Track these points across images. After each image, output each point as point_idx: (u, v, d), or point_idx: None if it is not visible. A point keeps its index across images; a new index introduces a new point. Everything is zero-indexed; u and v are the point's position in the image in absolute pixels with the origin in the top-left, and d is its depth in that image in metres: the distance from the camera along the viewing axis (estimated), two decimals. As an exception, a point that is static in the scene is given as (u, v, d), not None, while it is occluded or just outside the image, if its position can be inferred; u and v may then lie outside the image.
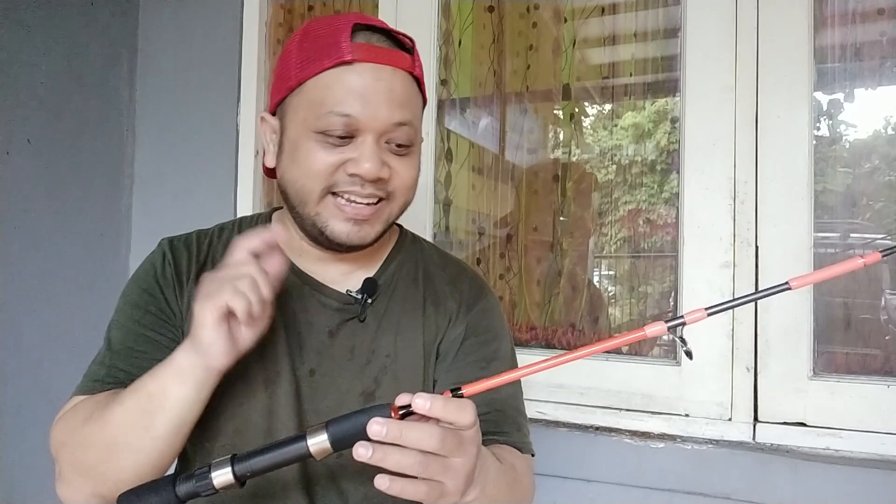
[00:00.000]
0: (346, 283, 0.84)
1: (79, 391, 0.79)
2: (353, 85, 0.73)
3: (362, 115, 0.73)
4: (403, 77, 0.77)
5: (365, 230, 0.77)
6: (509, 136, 1.60)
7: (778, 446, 1.17)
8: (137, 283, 0.85)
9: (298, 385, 0.80)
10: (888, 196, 1.27)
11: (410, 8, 1.52)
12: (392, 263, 0.89)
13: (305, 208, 0.78)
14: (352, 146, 0.75)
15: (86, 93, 1.62)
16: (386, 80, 0.75)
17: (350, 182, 0.75)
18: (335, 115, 0.73)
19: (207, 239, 0.88)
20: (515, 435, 0.84)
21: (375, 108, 0.74)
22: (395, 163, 0.77)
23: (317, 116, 0.74)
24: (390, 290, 0.87)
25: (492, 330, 0.90)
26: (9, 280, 1.45)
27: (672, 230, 1.37)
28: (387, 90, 0.74)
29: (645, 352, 1.40)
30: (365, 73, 0.74)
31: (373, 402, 0.81)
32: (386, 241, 0.91)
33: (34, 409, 1.48)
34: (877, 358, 1.22)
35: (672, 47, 1.38)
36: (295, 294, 0.84)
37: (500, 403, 0.85)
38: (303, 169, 0.76)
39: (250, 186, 1.65)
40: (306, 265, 0.85)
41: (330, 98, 0.74)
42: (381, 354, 0.83)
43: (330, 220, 0.77)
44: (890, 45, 1.24)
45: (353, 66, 0.74)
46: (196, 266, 0.84)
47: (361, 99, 0.73)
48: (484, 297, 0.91)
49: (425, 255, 0.93)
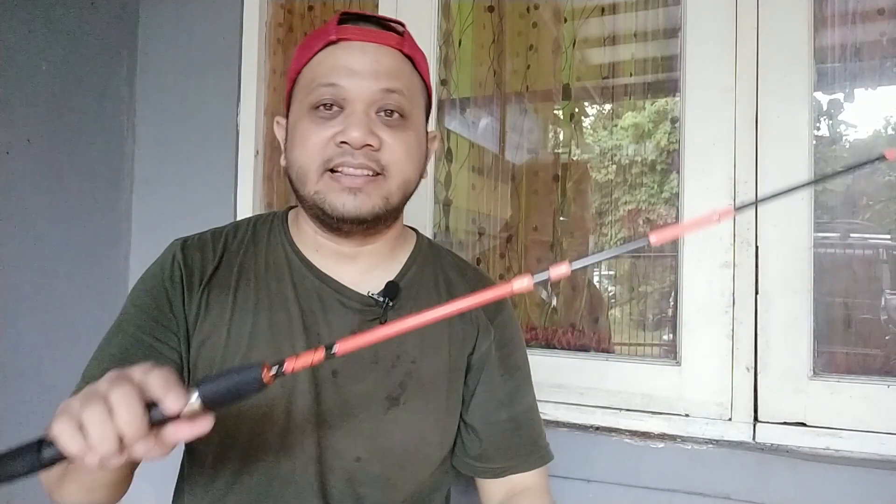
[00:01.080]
0: (366, 285, 0.84)
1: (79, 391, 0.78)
2: (339, 59, 0.78)
3: (349, 84, 0.77)
4: (391, 52, 0.80)
5: (360, 199, 0.77)
6: (509, 136, 1.60)
7: (778, 446, 1.17)
8: (144, 284, 0.84)
9: (318, 386, 0.80)
10: (888, 196, 1.27)
11: (410, 8, 1.52)
12: (412, 268, 0.89)
13: (306, 188, 0.79)
14: (341, 118, 0.77)
15: (86, 93, 1.62)
16: (371, 53, 0.78)
17: (342, 153, 0.76)
18: (323, 87, 0.77)
19: (222, 238, 0.87)
20: (531, 453, 0.88)
21: (361, 78, 0.77)
22: (387, 135, 0.78)
23: (308, 93, 0.78)
24: (412, 295, 0.86)
25: (514, 339, 0.92)
26: (9, 280, 1.44)
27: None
28: (372, 61, 0.78)
29: (644, 352, 1.40)
30: (351, 48, 0.78)
31: (397, 407, 0.81)
32: (402, 244, 0.91)
33: (34, 409, 1.48)
34: (877, 358, 1.22)
35: (672, 47, 1.38)
36: (314, 294, 0.83)
37: (520, 419, 0.88)
38: (301, 147, 0.78)
39: (250, 186, 1.65)
40: (324, 264, 0.85)
41: (319, 73, 0.78)
42: (406, 360, 0.83)
43: (328, 195, 0.78)
44: (890, 45, 1.24)
45: (340, 44, 0.78)
46: (211, 266, 0.83)
47: (347, 70, 0.77)
48: (505, 306, 0.93)
49: (443, 260, 0.93)
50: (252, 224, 0.90)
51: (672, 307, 1.38)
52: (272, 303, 0.82)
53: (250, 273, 0.84)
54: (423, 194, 1.49)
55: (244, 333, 0.80)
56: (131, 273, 1.71)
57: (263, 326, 0.81)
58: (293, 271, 0.84)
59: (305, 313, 0.82)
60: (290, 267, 0.85)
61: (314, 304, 0.83)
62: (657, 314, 1.43)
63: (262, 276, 0.84)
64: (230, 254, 0.85)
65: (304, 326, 0.81)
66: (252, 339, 0.80)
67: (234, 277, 0.83)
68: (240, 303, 0.82)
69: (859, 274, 1.26)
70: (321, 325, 0.82)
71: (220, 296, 0.82)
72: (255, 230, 0.89)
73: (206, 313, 0.81)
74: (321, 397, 0.79)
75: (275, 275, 0.84)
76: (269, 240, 0.87)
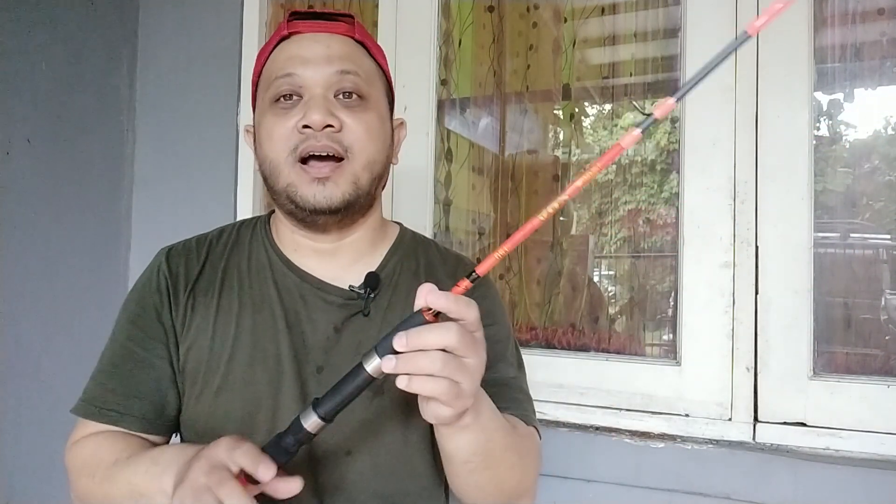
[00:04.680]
0: (347, 279, 0.85)
1: (81, 410, 0.81)
2: (292, 51, 0.81)
3: (304, 72, 0.79)
4: (342, 39, 0.83)
5: (329, 189, 0.78)
6: (509, 136, 1.60)
7: (778, 446, 1.17)
8: (133, 295, 0.86)
9: (304, 383, 0.80)
10: (888, 196, 1.27)
11: (410, 8, 1.52)
12: (392, 258, 0.89)
13: (278, 182, 0.80)
14: (301, 105, 0.79)
15: (86, 93, 1.62)
16: (322, 42, 0.81)
17: (305, 138, 0.78)
18: (279, 79, 0.80)
19: (206, 243, 0.88)
20: (516, 408, 0.84)
21: (315, 65, 0.80)
22: (346, 115, 0.79)
23: (267, 89, 0.81)
24: (392, 284, 0.87)
25: (491, 315, 0.89)
26: (9, 280, 1.44)
27: (672, 230, 1.37)
28: (323, 49, 0.81)
29: (644, 352, 1.40)
30: (302, 41, 0.81)
31: (381, 396, 0.81)
32: (384, 237, 0.91)
33: (34, 409, 1.48)
34: (877, 358, 1.22)
35: (672, 47, 1.38)
36: (296, 293, 0.84)
37: (499, 382, 0.85)
38: (268, 141, 0.80)
39: (250, 187, 1.65)
40: (305, 262, 0.86)
41: (275, 68, 0.81)
42: None
43: (299, 187, 0.79)
44: (890, 45, 1.24)
45: (292, 38, 0.82)
46: (195, 272, 0.85)
47: (301, 59, 0.80)
48: (482, 284, 0.91)
49: (426, 249, 0.94)
50: (236, 228, 0.91)
51: (672, 307, 1.38)
52: (255, 304, 0.83)
53: (233, 276, 0.85)
54: (424, 194, 1.50)
55: (228, 336, 0.81)
56: (131, 273, 1.71)
57: (247, 328, 0.82)
58: (275, 272, 0.85)
59: (288, 312, 0.82)
60: (271, 268, 0.86)
61: (297, 303, 0.83)
62: (657, 314, 1.43)
63: (245, 279, 0.85)
64: (214, 259, 0.86)
65: (287, 325, 0.82)
66: (236, 340, 0.81)
67: (218, 282, 0.84)
68: (224, 306, 0.83)
69: (859, 274, 1.26)
70: (304, 322, 0.82)
71: (204, 300, 0.83)
72: (239, 234, 0.90)
73: (191, 319, 0.82)
74: (307, 395, 0.80)
75: (257, 276, 0.85)
76: (252, 242, 0.89)
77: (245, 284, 0.84)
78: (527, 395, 0.89)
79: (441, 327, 0.57)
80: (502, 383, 0.85)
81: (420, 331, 0.57)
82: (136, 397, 0.80)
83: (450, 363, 0.57)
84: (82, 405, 0.80)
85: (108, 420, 0.79)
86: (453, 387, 0.58)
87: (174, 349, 0.82)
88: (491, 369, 0.86)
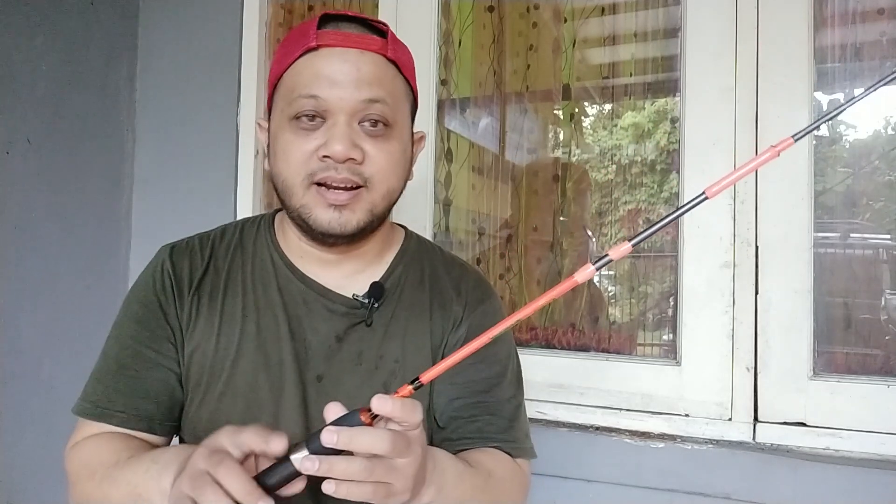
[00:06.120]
0: (351, 288, 0.84)
1: (85, 411, 0.79)
2: (320, 68, 0.75)
3: (330, 95, 0.74)
4: (373, 58, 0.77)
5: (346, 216, 0.76)
6: (509, 136, 1.60)
7: (778, 446, 1.17)
8: (136, 294, 0.85)
9: (305, 391, 0.80)
10: (888, 196, 1.27)
11: (410, 8, 1.52)
12: (398, 267, 0.88)
13: (292, 200, 0.78)
14: (323, 130, 0.75)
15: (86, 93, 1.62)
16: (352, 62, 0.75)
17: (325, 167, 0.75)
18: (303, 98, 0.75)
19: (209, 243, 0.87)
20: (503, 439, 0.83)
21: (342, 88, 0.74)
22: (370, 146, 0.76)
23: (289, 103, 0.76)
24: (397, 294, 0.86)
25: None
26: (9, 280, 1.44)
27: (672, 230, 1.37)
28: (353, 70, 0.75)
29: (644, 352, 1.40)
30: (332, 57, 0.75)
31: None
32: (390, 244, 0.90)
33: (34, 409, 1.48)
34: (877, 358, 1.22)
35: (672, 47, 1.38)
36: (300, 299, 0.83)
37: (493, 407, 0.84)
38: (284, 161, 0.77)
39: (250, 187, 1.65)
40: (310, 269, 0.85)
41: (299, 83, 0.76)
42: (390, 360, 0.82)
43: (314, 210, 0.76)
44: (890, 45, 1.24)
45: (320, 51, 0.75)
46: (199, 273, 0.84)
47: (328, 80, 0.74)
48: (486, 299, 0.90)
49: (431, 257, 0.92)
50: (239, 228, 0.90)
51: (672, 307, 1.38)
52: (259, 308, 0.82)
53: (237, 279, 0.84)
54: (423, 194, 1.49)
55: (233, 340, 0.81)
56: (131, 273, 1.71)
57: (251, 332, 0.81)
58: (279, 277, 0.84)
59: (292, 319, 0.82)
60: (276, 272, 0.85)
61: (300, 310, 0.82)
62: (657, 314, 1.43)
63: (249, 282, 0.84)
64: (217, 259, 0.85)
65: (290, 332, 0.81)
66: (240, 345, 0.80)
67: (223, 284, 0.84)
68: (227, 310, 0.82)
69: (859, 274, 1.26)
70: (307, 329, 0.82)
71: (208, 303, 0.82)
72: (242, 235, 0.89)
73: (195, 321, 0.81)
74: (308, 402, 0.79)
75: (261, 280, 0.84)
76: (256, 245, 0.87)
77: (249, 288, 0.84)
78: (519, 416, 0.87)
79: (374, 434, 0.55)
80: (494, 411, 0.83)
81: (352, 432, 0.55)
82: (144, 398, 0.79)
83: (378, 467, 0.55)
84: (87, 406, 0.79)
85: (116, 421, 0.78)
86: (382, 488, 0.57)
87: (180, 350, 0.81)
88: (487, 393, 0.85)
